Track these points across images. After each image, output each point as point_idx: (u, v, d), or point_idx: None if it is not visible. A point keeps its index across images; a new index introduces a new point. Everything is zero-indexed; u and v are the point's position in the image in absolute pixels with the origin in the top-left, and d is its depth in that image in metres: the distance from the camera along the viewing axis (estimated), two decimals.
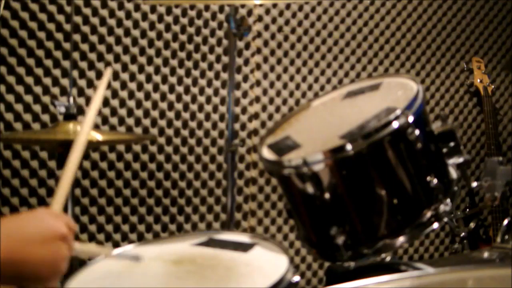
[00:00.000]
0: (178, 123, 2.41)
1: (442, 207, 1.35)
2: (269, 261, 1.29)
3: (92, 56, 2.24)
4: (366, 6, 2.77)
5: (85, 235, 2.26)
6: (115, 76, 2.29)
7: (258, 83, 2.56)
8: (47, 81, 2.17)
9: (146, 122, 2.35)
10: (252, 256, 1.34)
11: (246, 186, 2.55)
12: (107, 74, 1.25)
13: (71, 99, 1.79)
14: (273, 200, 2.61)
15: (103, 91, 1.20)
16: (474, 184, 1.59)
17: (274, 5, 2.57)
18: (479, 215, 2.74)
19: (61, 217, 0.96)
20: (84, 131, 1.12)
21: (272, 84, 2.59)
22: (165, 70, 2.38)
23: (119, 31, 2.28)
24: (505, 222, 1.74)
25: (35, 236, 0.90)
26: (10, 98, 2.13)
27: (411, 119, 1.31)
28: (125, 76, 2.30)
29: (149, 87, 2.35)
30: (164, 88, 2.38)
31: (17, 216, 0.94)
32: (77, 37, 2.20)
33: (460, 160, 1.41)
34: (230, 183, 1.88)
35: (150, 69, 2.35)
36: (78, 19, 2.20)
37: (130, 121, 2.33)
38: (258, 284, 1.18)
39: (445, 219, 1.37)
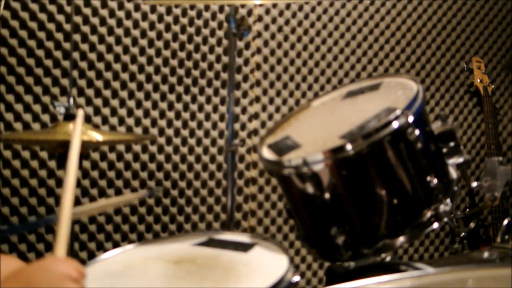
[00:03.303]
0: (178, 123, 2.41)
1: (442, 207, 1.35)
2: (269, 261, 1.29)
3: (92, 56, 2.24)
4: (366, 6, 2.77)
5: (85, 235, 2.26)
6: (115, 76, 2.29)
7: (258, 83, 2.56)
8: (47, 81, 2.17)
9: (146, 122, 2.35)
10: (252, 256, 1.34)
11: (246, 186, 2.55)
12: (80, 115, 1.29)
13: (71, 99, 1.79)
14: (273, 200, 2.61)
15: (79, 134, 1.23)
16: (474, 184, 1.59)
17: (274, 5, 2.57)
18: (479, 215, 2.74)
19: (69, 262, 0.98)
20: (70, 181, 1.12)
21: (272, 84, 2.59)
22: (165, 70, 2.38)
23: (119, 31, 2.28)
24: (505, 222, 1.74)
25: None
26: (10, 98, 2.13)
27: (411, 119, 1.31)
28: (125, 76, 2.30)
29: (149, 87, 2.35)
30: (164, 88, 2.38)
31: (25, 271, 0.96)
32: (77, 37, 2.20)
33: (460, 160, 1.41)
34: (230, 183, 1.88)
35: (150, 69, 2.35)
36: (78, 19, 2.20)
37: (130, 121, 2.33)
38: (258, 284, 1.18)
39: (445, 219, 1.37)
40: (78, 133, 1.23)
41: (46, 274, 0.94)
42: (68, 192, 1.10)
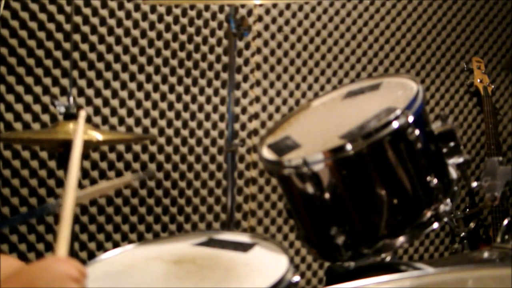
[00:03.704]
0: (178, 123, 2.41)
1: (442, 207, 1.35)
2: (269, 261, 1.29)
3: (92, 56, 2.24)
4: (366, 6, 2.77)
5: (85, 235, 2.26)
6: (115, 76, 2.29)
7: (258, 83, 2.56)
8: (47, 81, 2.17)
9: (146, 122, 2.35)
10: (252, 256, 1.34)
11: (246, 186, 2.55)
12: (82, 116, 1.29)
13: (71, 99, 1.79)
14: (273, 200, 2.61)
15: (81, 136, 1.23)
16: (474, 184, 1.59)
17: (274, 5, 2.57)
18: (479, 215, 2.74)
19: (70, 262, 0.98)
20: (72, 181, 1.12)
21: (272, 84, 2.59)
22: (165, 70, 2.38)
23: (119, 31, 2.28)
24: (505, 222, 1.74)
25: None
26: (10, 98, 2.13)
27: (411, 119, 1.31)
28: (125, 76, 2.30)
29: (149, 87, 2.35)
30: (164, 88, 2.38)
31: (26, 270, 0.96)
32: (77, 37, 2.20)
33: (460, 160, 1.41)
34: (230, 183, 1.88)
35: (150, 69, 2.35)
36: (78, 19, 2.20)
37: (130, 121, 2.33)
38: (258, 284, 1.18)
39: (445, 219, 1.37)
40: (80, 134, 1.23)
41: (47, 274, 0.94)
42: (70, 192, 1.10)
